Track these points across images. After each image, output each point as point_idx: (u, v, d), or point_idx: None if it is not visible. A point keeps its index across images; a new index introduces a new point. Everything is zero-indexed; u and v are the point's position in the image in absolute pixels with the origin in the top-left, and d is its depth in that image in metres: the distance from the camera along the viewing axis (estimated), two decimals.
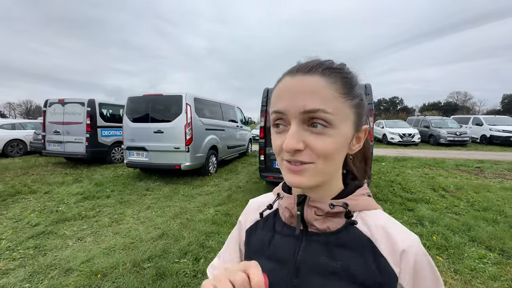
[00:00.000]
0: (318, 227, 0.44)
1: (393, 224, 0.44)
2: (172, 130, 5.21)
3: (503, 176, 5.94)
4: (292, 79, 0.40)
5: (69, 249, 2.60)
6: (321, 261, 0.42)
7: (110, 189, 4.72)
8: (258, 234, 0.52)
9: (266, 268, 0.45)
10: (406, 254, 0.40)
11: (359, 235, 0.43)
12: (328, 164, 0.40)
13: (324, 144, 0.38)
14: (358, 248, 0.42)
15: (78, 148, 6.81)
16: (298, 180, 0.40)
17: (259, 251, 0.49)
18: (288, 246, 0.46)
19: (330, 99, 0.38)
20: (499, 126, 12.74)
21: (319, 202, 0.44)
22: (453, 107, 55.88)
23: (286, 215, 0.49)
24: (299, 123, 0.39)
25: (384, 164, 7.45)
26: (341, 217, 0.44)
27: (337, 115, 0.38)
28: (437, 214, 3.46)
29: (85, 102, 6.80)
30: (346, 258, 0.42)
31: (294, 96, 0.39)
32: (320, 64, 0.40)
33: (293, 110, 0.38)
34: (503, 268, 2.23)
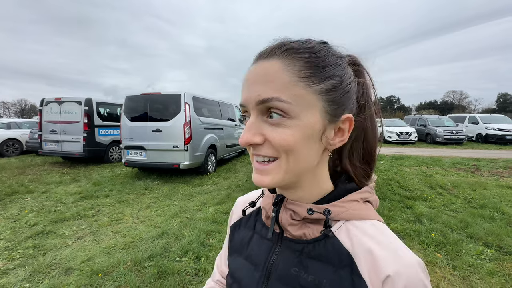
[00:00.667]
0: (293, 234, 0.39)
1: (384, 240, 0.35)
2: (171, 129, 5.19)
3: (499, 173, 6.02)
4: (255, 66, 0.36)
5: (69, 249, 2.59)
6: (292, 272, 0.38)
7: (108, 189, 4.69)
8: (240, 231, 0.50)
9: (243, 269, 0.44)
10: (391, 281, 0.32)
11: (338, 248, 0.36)
12: (291, 160, 0.34)
13: (280, 136, 0.33)
14: (335, 263, 0.36)
15: (75, 148, 6.75)
16: (260, 179, 0.36)
17: (238, 250, 0.48)
18: (264, 249, 0.43)
19: (287, 84, 0.32)
20: (494, 124, 12.89)
21: (297, 206, 0.39)
22: (449, 106, 56.39)
23: (263, 215, 0.45)
24: (257, 115, 0.35)
25: (382, 163, 7.49)
26: (321, 224, 0.38)
27: (295, 103, 0.32)
28: (435, 211, 3.50)
29: (82, 101, 6.74)
30: (319, 273, 0.36)
31: (251, 85, 0.35)
32: (281, 45, 0.35)
33: (250, 101, 0.34)
34: (500, 264, 2.27)
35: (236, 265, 0.46)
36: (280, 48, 0.34)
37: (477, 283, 2.01)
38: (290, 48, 0.34)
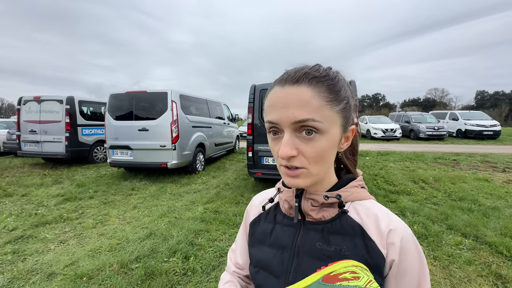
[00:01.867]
0: (314, 217, 0.50)
1: (383, 211, 0.49)
2: (157, 128, 5.09)
3: (476, 167, 6.32)
4: (282, 90, 0.43)
5: (51, 253, 2.49)
6: (317, 247, 0.47)
7: (93, 190, 4.56)
8: (261, 225, 0.58)
9: (269, 254, 0.52)
10: (392, 233, 0.45)
11: (351, 222, 0.48)
12: (319, 166, 0.44)
13: (314, 149, 0.42)
14: (350, 233, 0.47)
15: (57, 148, 6.49)
16: (295, 182, 0.45)
17: (262, 241, 0.55)
18: (288, 234, 0.52)
19: (318, 108, 0.41)
20: (473, 120, 13.51)
21: (315, 195, 0.49)
22: (432, 103, 58.46)
23: (285, 207, 0.54)
24: (291, 132, 0.43)
25: (368, 159, 7.69)
26: (334, 207, 0.49)
27: (325, 121, 0.42)
28: (417, 205, 3.63)
29: (63, 100, 6.48)
30: (339, 243, 0.46)
31: (285, 107, 0.42)
32: (307, 74, 0.42)
33: (285, 121, 0.42)
34: (477, 253, 2.39)
35: (261, 253, 0.54)
36: (307, 76, 0.42)
37: (455, 272, 2.11)
38: (315, 77, 0.42)
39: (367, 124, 14.85)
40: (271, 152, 3.25)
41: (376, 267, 0.44)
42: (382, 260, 0.44)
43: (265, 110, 0.46)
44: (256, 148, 4.29)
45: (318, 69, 0.44)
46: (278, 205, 0.58)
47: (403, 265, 0.44)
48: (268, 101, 0.46)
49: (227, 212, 3.43)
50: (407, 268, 0.44)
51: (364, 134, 15.06)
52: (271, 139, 0.47)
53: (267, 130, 0.47)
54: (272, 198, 0.58)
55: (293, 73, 0.44)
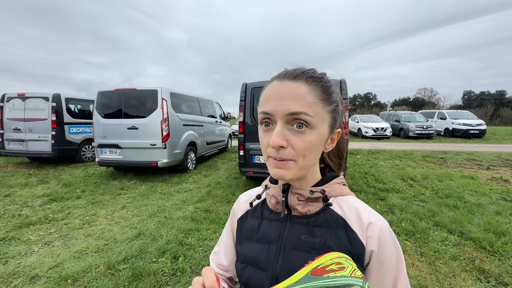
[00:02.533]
0: (300, 211, 0.52)
1: (363, 206, 0.52)
2: (147, 126, 5.00)
3: (463, 165, 6.50)
4: (280, 83, 0.46)
5: (35, 255, 2.42)
6: (303, 239, 0.50)
7: (80, 190, 4.44)
8: (248, 221, 0.59)
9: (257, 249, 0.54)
10: (371, 226, 0.48)
11: (334, 216, 0.51)
12: (306, 160, 0.46)
13: (303, 143, 0.44)
14: (334, 226, 0.50)
15: (42, 147, 6.29)
16: (282, 173, 0.46)
17: (249, 237, 0.57)
18: (275, 228, 0.54)
19: (311, 103, 0.44)
20: (460, 120, 13.88)
21: (301, 189, 0.52)
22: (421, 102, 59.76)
23: (272, 202, 0.56)
24: (284, 123, 0.45)
25: (359, 157, 7.79)
26: (319, 202, 0.52)
27: (316, 117, 0.45)
28: (405, 202, 3.70)
29: (49, 97, 6.27)
30: (324, 235, 0.49)
31: (281, 99, 0.44)
32: (304, 73, 0.46)
33: (279, 111, 0.44)
34: (462, 248, 2.45)
35: (249, 248, 0.55)
36: (304, 74, 0.46)
37: (441, 267, 2.16)
38: (311, 76, 0.46)
39: (358, 123, 15.05)
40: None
41: (357, 256, 0.47)
42: (363, 250, 0.47)
43: (260, 102, 0.48)
44: (248, 147, 4.27)
45: (315, 71, 0.48)
46: (265, 201, 0.60)
47: (381, 256, 0.47)
48: (265, 93, 0.48)
49: (218, 211, 3.41)
50: (385, 258, 0.47)
51: (355, 132, 15.25)
52: (262, 131, 0.48)
53: (259, 121, 0.49)
54: (260, 195, 0.59)
55: (291, 71, 0.47)
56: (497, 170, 5.85)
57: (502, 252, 2.34)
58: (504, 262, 2.21)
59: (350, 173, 5.59)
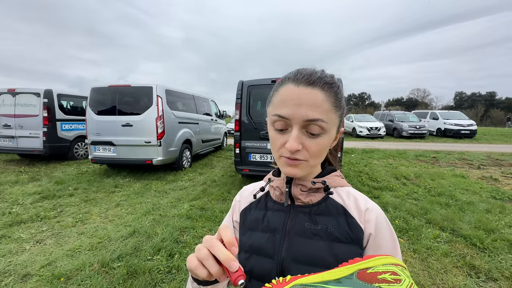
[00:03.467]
0: (303, 200, 0.55)
1: (361, 195, 0.57)
2: (142, 123, 4.94)
3: (454, 164, 6.63)
4: (297, 88, 0.47)
5: (26, 253, 2.37)
6: (306, 227, 0.53)
7: (73, 187, 4.37)
8: (252, 213, 0.61)
9: (262, 238, 0.56)
10: (369, 211, 0.52)
11: (334, 204, 0.55)
12: (317, 160, 0.50)
13: (317, 146, 0.48)
14: (334, 213, 0.53)
15: (34, 144, 6.16)
16: (294, 172, 0.50)
17: (254, 227, 0.58)
18: (279, 218, 0.56)
19: (327, 111, 0.47)
20: (452, 120, 14.14)
21: (304, 181, 0.55)
22: (414, 103, 60.59)
23: (276, 193, 0.59)
24: (300, 128, 0.47)
25: (353, 156, 7.87)
26: (320, 192, 0.56)
27: (330, 123, 0.48)
28: (399, 200, 3.76)
29: (40, 93, 6.13)
30: (325, 222, 0.52)
31: (299, 105, 0.46)
32: (320, 78, 0.48)
33: (297, 117, 0.46)
34: (453, 245, 2.51)
35: (254, 238, 0.57)
36: (320, 81, 0.47)
37: (433, 264, 2.20)
38: (327, 83, 0.48)
39: (353, 122, 15.18)
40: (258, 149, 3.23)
41: (357, 240, 0.50)
42: (362, 233, 0.51)
43: (274, 103, 0.50)
44: (244, 145, 4.26)
45: (327, 75, 0.49)
46: (268, 194, 0.63)
47: (378, 239, 0.50)
48: (280, 95, 0.49)
49: (214, 209, 3.40)
50: (381, 242, 0.50)
51: (350, 132, 15.38)
52: (276, 131, 0.50)
53: (271, 122, 0.51)
54: (263, 187, 0.62)
55: (307, 75, 0.48)
56: (487, 169, 5.99)
57: (492, 249, 2.40)
58: (493, 258, 2.27)
59: (345, 171, 5.64)
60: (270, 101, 0.52)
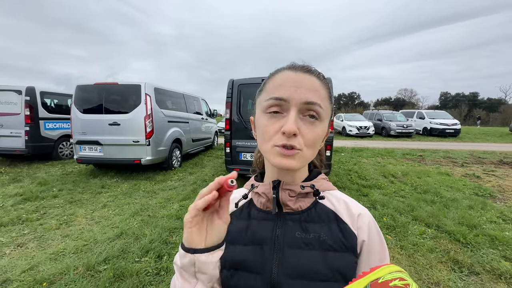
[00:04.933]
0: (292, 207, 0.51)
1: (350, 199, 0.55)
2: (130, 122, 4.83)
3: (439, 162, 6.84)
4: (295, 74, 0.46)
5: (6, 258, 2.27)
6: (297, 236, 0.49)
7: (57, 188, 4.22)
8: (234, 224, 0.54)
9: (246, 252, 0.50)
10: (361, 216, 0.51)
11: (325, 209, 0.52)
12: (311, 151, 0.47)
13: (313, 134, 0.45)
14: (325, 220, 0.50)
15: (15, 143, 5.91)
16: (289, 163, 0.45)
17: (235, 241, 0.52)
18: (266, 227, 0.51)
19: (324, 98, 0.47)
20: (437, 119, 14.59)
21: (292, 185, 0.51)
22: (402, 102, 62.09)
23: (261, 200, 0.54)
24: (297, 112, 0.44)
25: (343, 155, 7.98)
26: (310, 197, 0.53)
27: (325, 111, 0.47)
28: (387, 198, 3.84)
29: (22, 90, 5.89)
30: (317, 230, 0.49)
31: (298, 87, 0.45)
32: (316, 70, 0.49)
33: (296, 99, 0.44)
34: (438, 241, 2.58)
35: (236, 253, 0.51)
36: (316, 71, 0.48)
37: (419, 259, 2.26)
38: (322, 75, 0.49)
39: (343, 121, 15.40)
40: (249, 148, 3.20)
41: (351, 248, 0.48)
42: (355, 240, 0.49)
43: (269, 89, 0.48)
44: (234, 144, 4.24)
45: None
46: (251, 201, 0.57)
47: (370, 245, 0.49)
48: (276, 80, 0.47)
49: None
50: (373, 247, 0.49)
51: (340, 131, 15.61)
52: (270, 117, 0.46)
53: (264, 109, 0.47)
54: (246, 194, 0.56)
55: (303, 65, 0.48)
56: (470, 167, 6.21)
57: (474, 244, 2.49)
58: (475, 252, 2.35)
59: (335, 170, 5.72)
60: (263, 90, 0.50)
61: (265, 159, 0.55)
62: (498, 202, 3.74)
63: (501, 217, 3.17)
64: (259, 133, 0.49)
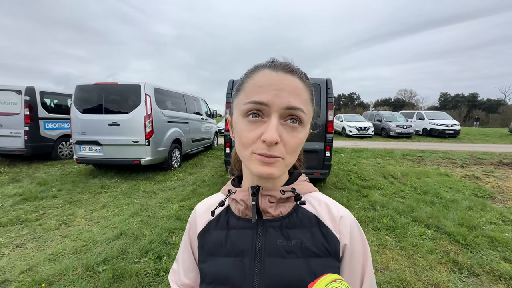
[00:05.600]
0: (272, 213, 0.49)
1: (331, 201, 0.53)
2: (129, 122, 4.82)
3: (439, 163, 6.84)
4: (276, 74, 0.42)
5: (5, 258, 2.26)
6: (278, 244, 0.47)
7: (56, 188, 4.22)
8: (212, 234, 0.52)
9: (227, 264, 0.47)
10: (343, 219, 0.49)
11: (306, 214, 0.50)
12: (292, 157, 0.44)
13: (295, 140, 0.43)
14: (307, 225, 0.49)
15: (14, 143, 5.90)
16: (270, 171, 0.42)
17: (215, 252, 0.50)
18: (246, 237, 0.49)
19: (306, 101, 0.44)
20: (437, 120, 14.61)
21: (272, 191, 0.48)
22: (401, 103, 62.16)
23: (240, 208, 0.51)
24: (279, 117, 0.41)
25: (343, 155, 7.98)
26: (290, 202, 0.50)
27: (308, 115, 0.44)
28: (386, 199, 3.84)
29: (22, 90, 5.88)
30: (299, 236, 0.47)
31: (279, 90, 0.41)
32: (298, 69, 0.45)
33: (277, 104, 0.40)
34: (438, 242, 2.58)
35: (217, 266, 0.48)
36: (298, 70, 0.44)
37: (419, 261, 2.26)
38: (304, 75, 0.45)
39: (342, 122, 15.41)
40: None
41: (334, 252, 0.47)
42: (338, 244, 0.47)
43: (248, 90, 0.43)
44: (234, 144, 4.23)
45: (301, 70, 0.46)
46: (229, 208, 0.54)
47: (352, 248, 0.48)
48: (255, 81, 0.43)
49: None
50: (355, 250, 0.48)
51: (339, 131, 15.61)
52: (249, 122, 0.42)
53: (245, 113, 0.43)
54: (223, 202, 0.53)
55: (284, 63, 0.44)
56: (469, 168, 6.22)
57: (474, 245, 2.49)
58: (475, 254, 2.35)
59: (335, 171, 5.72)
60: (240, 90, 0.45)
61: (243, 164, 0.51)
62: (498, 203, 3.74)
63: (501, 218, 3.17)
64: (237, 138, 0.45)
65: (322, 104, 3.81)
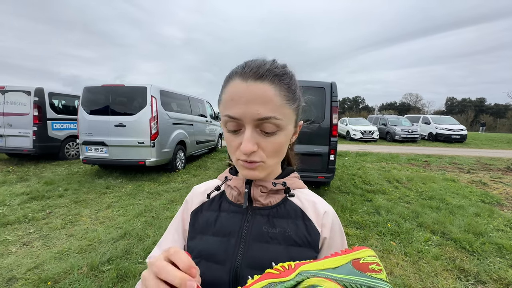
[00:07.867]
0: (262, 202, 0.53)
1: (318, 197, 0.58)
2: (135, 124, 4.88)
3: (445, 168, 6.75)
4: (245, 84, 0.43)
5: (12, 256, 2.30)
6: (263, 230, 0.51)
7: (63, 188, 4.28)
8: (203, 214, 0.56)
9: (213, 243, 0.51)
10: (326, 215, 0.54)
11: (293, 206, 0.54)
12: (275, 159, 0.48)
13: (273, 145, 0.45)
14: (293, 216, 0.53)
15: (23, 143, 6.01)
16: (253, 174, 0.47)
17: (204, 231, 0.54)
18: (235, 220, 0.53)
19: (279, 106, 0.43)
20: (443, 125, 14.44)
21: (264, 182, 0.53)
22: (407, 107, 61.62)
23: (233, 194, 0.55)
24: (253, 128, 0.44)
25: (347, 159, 7.94)
26: (280, 194, 0.55)
27: (284, 119, 0.45)
28: (391, 203, 3.80)
29: (31, 91, 6.01)
30: (283, 225, 0.51)
31: (248, 103, 0.42)
32: (269, 71, 0.43)
33: (248, 117, 0.42)
34: (444, 248, 2.54)
35: (204, 243, 0.52)
36: (270, 73, 0.43)
37: (424, 267, 2.23)
38: (276, 75, 0.44)
39: (347, 125, 15.34)
40: None
41: (313, 243, 0.50)
42: (318, 237, 0.51)
43: (224, 102, 0.46)
44: None
45: (278, 66, 0.45)
46: (223, 193, 0.58)
47: (331, 242, 0.52)
48: (228, 94, 0.45)
49: None
50: (333, 244, 0.52)
51: (344, 135, 15.54)
52: (229, 132, 0.47)
53: (224, 124, 0.47)
54: (219, 186, 0.57)
55: (255, 68, 0.44)
56: (476, 174, 6.12)
57: (481, 252, 2.45)
58: (482, 261, 2.31)
59: (339, 174, 5.68)
60: (220, 100, 0.48)
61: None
62: (506, 210, 3.67)
63: (509, 225, 3.11)
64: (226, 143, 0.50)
65: (326, 108, 3.81)
